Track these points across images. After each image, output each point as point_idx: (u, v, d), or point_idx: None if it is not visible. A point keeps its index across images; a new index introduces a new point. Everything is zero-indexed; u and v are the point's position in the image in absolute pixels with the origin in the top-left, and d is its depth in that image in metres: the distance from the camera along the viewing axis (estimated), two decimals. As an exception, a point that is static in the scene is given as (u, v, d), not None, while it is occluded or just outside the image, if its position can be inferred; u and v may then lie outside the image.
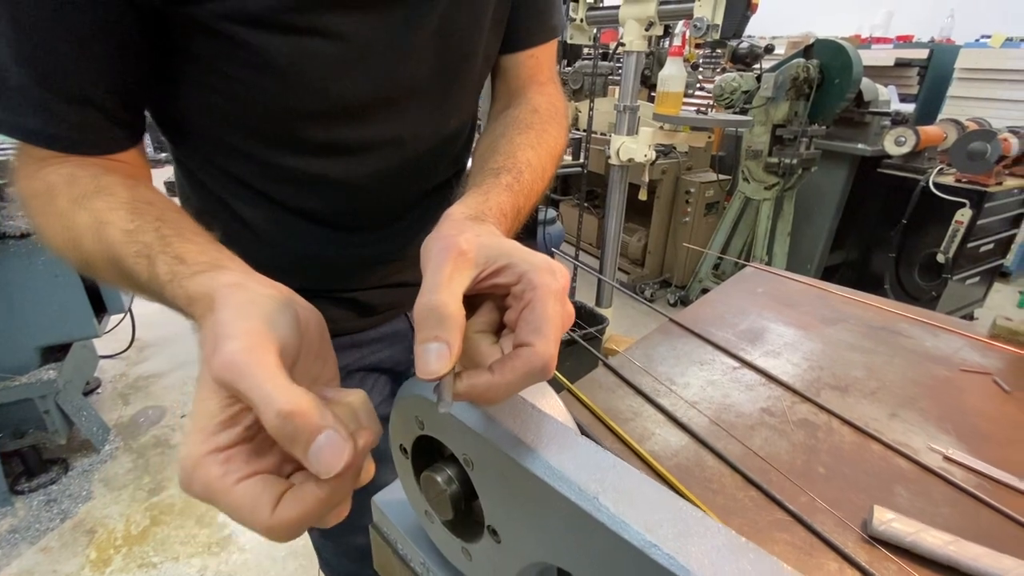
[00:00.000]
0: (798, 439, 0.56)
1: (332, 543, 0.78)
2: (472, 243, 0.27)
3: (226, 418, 0.24)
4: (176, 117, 0.47)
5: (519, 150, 0.45)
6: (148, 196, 0.39)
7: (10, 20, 0.35)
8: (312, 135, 0.47)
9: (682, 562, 0.19)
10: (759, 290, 0.94)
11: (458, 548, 0.32)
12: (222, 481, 0.23)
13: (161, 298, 0.33)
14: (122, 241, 0.35)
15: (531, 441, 0.24)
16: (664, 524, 0.20)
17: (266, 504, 0.23)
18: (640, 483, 0.23)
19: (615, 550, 0.21)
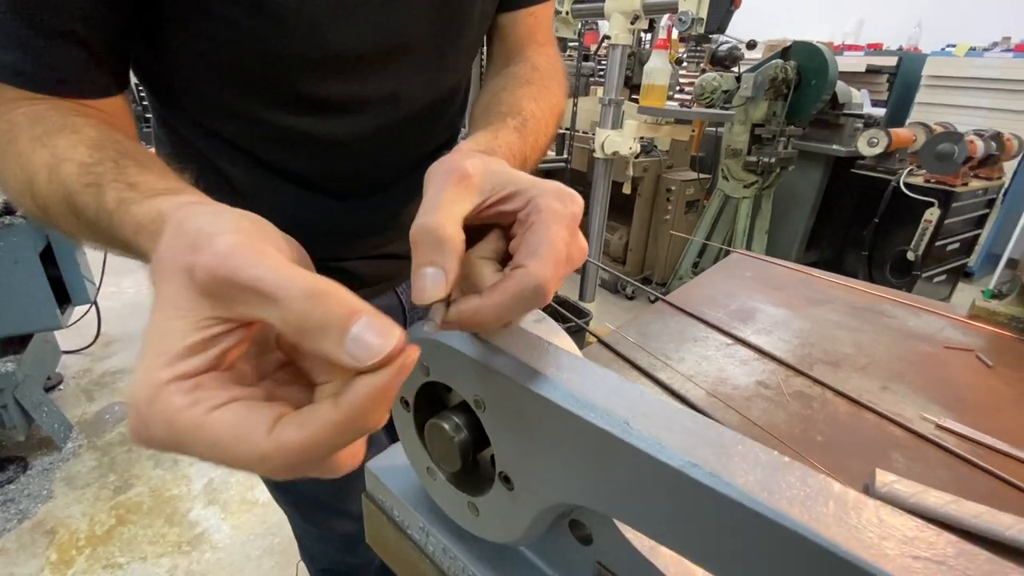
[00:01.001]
0: (794, 409, 0.56)
1: (315, 529, 0.75)
2: (478, 168, 0.26)
3: (197, 340, 0.19)
4: (160, 68, 0.44)
5: (522, 101, 0.44)
6: (118, 136, 0.35)
7: None
8: (304, 89, 0.45)
9: (727, 479, 0.18)
10: (747, 274, 0.95)
11: (463, 504, 0.30)
12: (190, 412, 0.18)
13: (109, 236, 0.29)
14: (75, 174, 0.31)
15: (551, 373, 0.23)
16: (701, 445, 0.19)
17: (259, 426, 0.18)
18: (670, 408, 0.21)
19: (650, 476, 0.19)
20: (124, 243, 0.28)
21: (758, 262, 1.01)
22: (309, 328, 0.18)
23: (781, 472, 0.18)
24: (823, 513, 0.17)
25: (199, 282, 0.19)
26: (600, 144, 1.82)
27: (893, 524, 0.17)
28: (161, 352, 0.19)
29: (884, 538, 0.16)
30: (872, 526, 0.16)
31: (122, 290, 2.85)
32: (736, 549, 0.18)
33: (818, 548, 0.16)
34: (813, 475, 0.18)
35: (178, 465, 1.74)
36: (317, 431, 0.18)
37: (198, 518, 1.55)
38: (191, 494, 1.63)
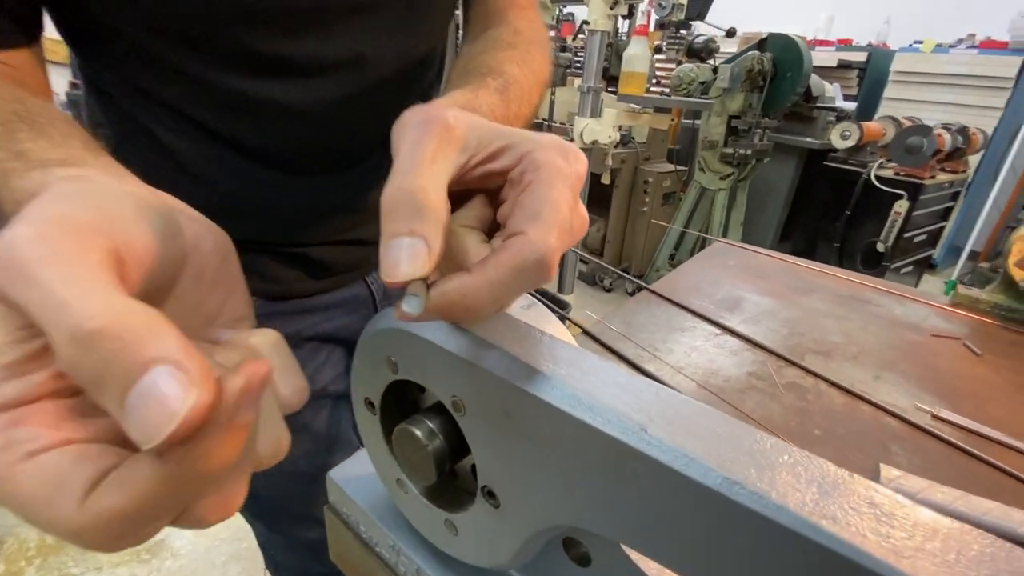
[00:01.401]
0: (789, 402, 0.53)
1: (281, 538, 0.70)
2: (461, 120, 0.21)
3: (18, 359, 0.15)
4: (91, 22, 0.38)
5: (504, 64, 0.39)
6: (19, 93, 0.30)
7: None
8: (255, 46, 0.40)
9: (777, 501, 0.14)
10: (730, 263, 0.93)
11: (440, 521, 0.26)
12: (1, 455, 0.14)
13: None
14: None
15: (548, 368, 0.19)
16: (739, 456, 0.15)
17: (74, 488, 0.14)
18: (694, 408, 0.17)
19: (674, 495, 0.15)
20: None
21: (741, 251, 0.99)
22: (85, 376, 0.13)
23: (842, 490, 0.14)
24: (906, 545, 0.13)
25: None
26: (579, 133, 1.78)
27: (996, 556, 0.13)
28: None
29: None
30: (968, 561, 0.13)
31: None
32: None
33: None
34: (881, 491, 0.15)
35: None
36: (138, 493, 0.13)
37: (159, 524, 1.47)
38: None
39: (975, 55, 3.29)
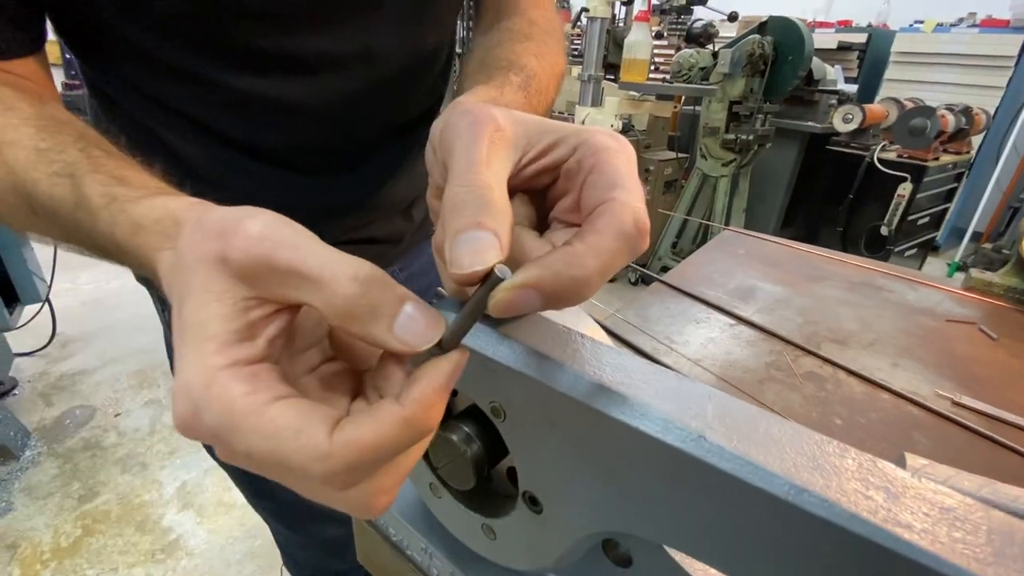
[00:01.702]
0: (808, 392, 0.53)
1: (300, 537, 0.70)
2: (508, 117, 0.21)
3: (242, 325, 0.17)
4: (93, 26, 0.37)
5: (523, 56, 0.39)
6: (59, 114, 0.31)
7: None
8: (261, 42, 0.39)
9: (849, 509, 0.13)
10: (740, 251, 0.92)
11: (476, 526, 0.26)
12: (251, 398, 0.16)
13: (90, 229, 0.25)
14: (33, 161, 0.27)
15: (593, 374, 0.18)
16: (801, 461, 0.15)
17: (320, 423, 0.16)
18: (749, 412, 0.17)
19: (736, 503, 0.15)
20: (113, 243, 0.24)
21: (750, 239, 0.99)
22: (357, 313, 0.17)
23: (910, 495, 0.14)
24: (986, 552, 0.13)
25: (234, 267, 0.17)
26: (580, 122, 1.77)
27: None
28: (208, 338, 0.17)
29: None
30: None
31: (78, 287, 2.69)
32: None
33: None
34: (952, 496, 0.14)
35: (148, 469, 1.66)
36: (383, 430, 0.16)
37: (171, 524, 1.47)
38: (163, 499, 1.55)
39: (976, 34, 3.25)
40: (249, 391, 0.16)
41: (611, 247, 0.17)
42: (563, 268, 0.17)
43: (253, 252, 0.17)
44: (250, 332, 0.17)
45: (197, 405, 0.17)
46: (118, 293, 2.70)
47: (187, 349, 0.17)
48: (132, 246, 0.23)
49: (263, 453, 0.16)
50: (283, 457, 0.16)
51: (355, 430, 0.16)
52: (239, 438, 0.16)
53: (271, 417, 0.16)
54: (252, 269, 0.17)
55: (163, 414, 1.89)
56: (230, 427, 0.16)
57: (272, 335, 0.18)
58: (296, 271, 0.17)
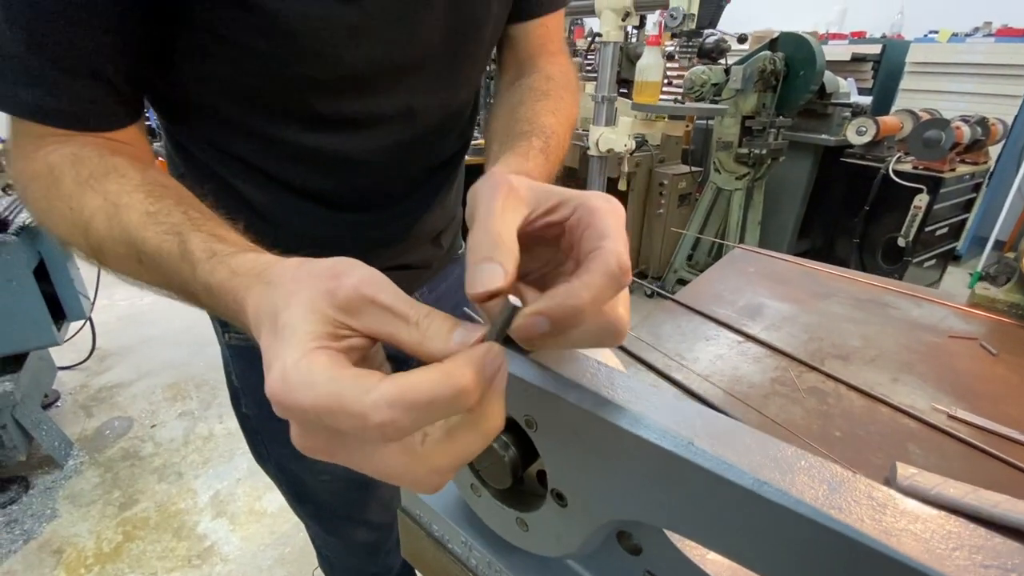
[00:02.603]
0: (810, 405, 0.57)
1: (336, 540, 0.76)
2: (522, 183, 0.27)
3: (332, 333, 0.22)
4: (174, 91, 0.44)
5: (541, 116, 0.44)
6: (161, 179, 0.37)
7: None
8: (320, 107, 0.45)
9: (796, 496, 0.18)
10: (750, 270, 0.96)
11: (512, 520, 0.31)
12: (332, 364, 0.20)
13: (189, 277, 0.31)
14: (144, 223, 0.33)
15: (608, 394, 0.23)
16: (766, 462, 0.20)
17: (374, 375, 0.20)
18: (729, 425, 0.22)
19: (716, 493, 0.20)
20: (208, 286, 0.30)
21: (760, 256, 1.03)
22: (430, 336, 0.22)
23: (846, 487, 0.19)
24: (894, 526, 0.17)
25: (341, 298, 0.22)
26: (595, 142, 1.82)
27: (961, 534, 0.17)
28: (304, 332, 0.22)
29: (955, 548, 0.17)
30: (940, 538, 0.17)
31: (114, 303, 2.82)
32: (804, 560, 0.19)
33: (890, 560, 0.17)
34: (877, 488, 0.19)
35: (183, 478, 1.73)
36: (422, 377, 0.20)
37: (206, 531, 1.54)
38: (198, 507, 1.63)
39: (992, 43, 3.24)
40: (330, 363, 0.21)
41: (599, 282, 0.22)
42: (563, 299, 0.22)
43: (362, 290, 0.22)
44: (336, 338, 0.22)
45: (290, 374, 0.20)
46: (152, 309, 2.82)
47: (283, 344, 0.22)
48: (227, 289, 0.29)
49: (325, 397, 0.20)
50: (338, 395, 0.20)
51: (404, 377, 0.20)
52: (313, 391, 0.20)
53: (340, 372, 0.20)
54: (357, 302, 0.22)
55: (196, 425, 1.97)
56: (312, 386, 0.20)
57: (351, 346, 0.23)
58: (391, 308, 0.22)
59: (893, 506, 0.18)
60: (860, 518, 0.18)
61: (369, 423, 0.19)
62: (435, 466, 0.21)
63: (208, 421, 2.00)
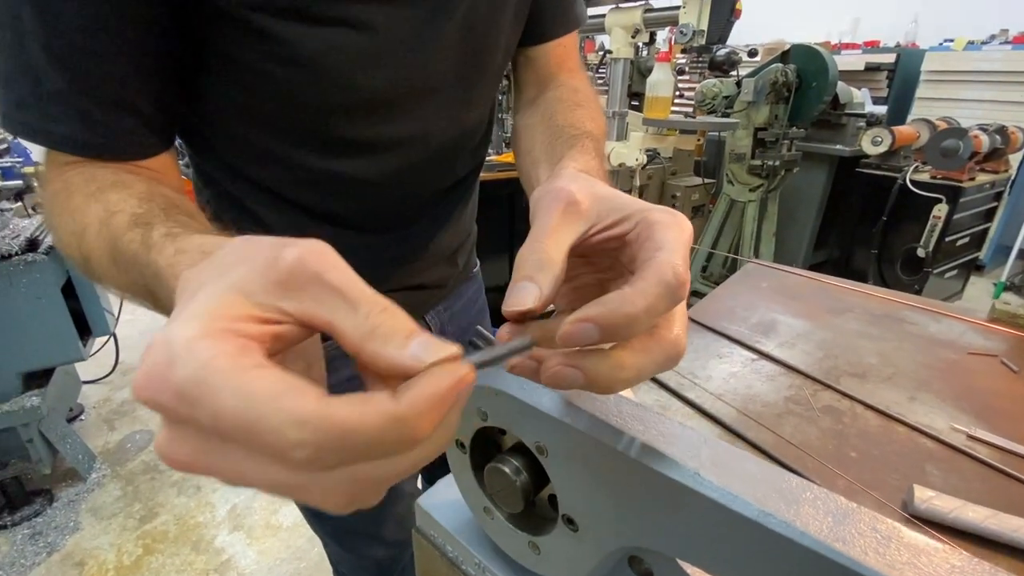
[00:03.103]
0: (825, 425, 0.57)
1: (352, 557, 0.77)
2: (586, 193, 0.26)
3: (253, 315, 0.18)
4: (198, 119, 0.46)
5: (585, 123, 0.46)
6: (164, 190, 0.37)
7: (38, 18, 0.34)
8: (337, 132, 0.47)
9: (800, 528, 0.19)
10: (763, 285, 0.96)
11: (524, 543, 0.31)
12: (234, 358, 0.16)
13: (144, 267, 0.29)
14: (127, 224, 0.32)
15: (617, 423, 0.24)
16: (771, 493, 0.20)
17: (306, 391, 0.16)
18: (735, 455, 0.22)
19: (722, 523, 0.21)
20: (155, 271, 0.27)
21: (773, 271, 1.02)
22: (380, 334, 0.18)
23: (851, 519, 0.19)
24: (897, 560, 0.18)
25: (282, 269, 0.18)
26: (607, 156, 1.84)
27: (964, 569, 0.18)
28: (209, 310, 0.17)
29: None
30: (943, 572, 0.17)
31: (137, 318, 2.88)
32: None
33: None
34: (882, 520, 0.19)
35: (201, 492, 1.76)
36: (369, 416, 0.16)
37: (224, 544, 1.56)
38: (215, 520, 1.65)
39: (1009, 51, 3.20)
40: (235, 352, 0.16)
41: (654, 291, 0.21)
42: (617, 306, 0.21)
43: (308, 263, 0.18)
44: (257, 322, 0.18)
45: (173, 357, 0.16)
46: (172, 323, 2.87)
47: (180, 315, 0.17)
48: (168, 268, 0.26)
49: (233, 414, 0.15)
50: (257, 419, 0.15)
51: (342, 406, 0.16)
52: (207, 395, 0.15)
53: (251, 379, 0.16)
54: (299, 277, 0.18)
55: (214, 439, 2.00)
56: (202, 382, 0.15)
57: (276, 333, 0.18)
58: (339, 291, 0.18)
59: (898, 539, 0.19)
60: (864, 551, 0.18)
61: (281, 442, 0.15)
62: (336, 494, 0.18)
63: (226, 435, 2.02)
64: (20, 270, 1.48)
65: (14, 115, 0.37)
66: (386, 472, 0.18)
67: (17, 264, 1.47)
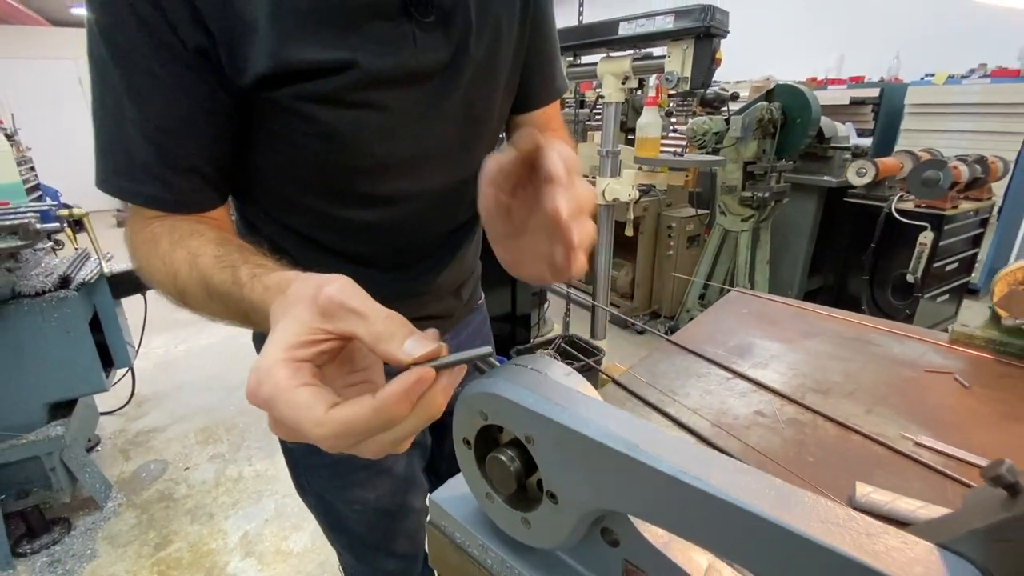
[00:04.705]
0: (788, 435, 0.64)
1: (366, 568, 0.83)
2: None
3: (306, 339, 0.29)
4: (246, 179, 0.56)
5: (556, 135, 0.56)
6: (228, 236, 0.49)
7: (136, 104, 0.44)
8: (358, 189, 0.57)
9: (705, 480, 0.27)
10: (744, 311, 1.04)
11: (517, 520, 0.39)
12: (288, 382, 0.28)
13: (238, 299, 0.40)
14: (211, 264, 0.43)
15: (583, 414, 0.32)
16: (688, 459, 0.28)
17: (323, 402, 0.28)
18: (668, 436, 0.30)
19: (655, 484, 0.29)
20: (251, 303, 0.38)
21: (755, 299, 1.11)
22: (384, 337, 0.29)
23: (745, 476, 0.27)
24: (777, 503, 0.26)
25: (320, 303, 0.30)
26: (601, 191, 1.95)
27: (821, 504, 0.26)
28: (281, 342, 0.29)
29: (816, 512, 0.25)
30: (803, 504, 0.25)
31: (150, 350, 2.97)
32: (718, 528, 0.27)
33: (774, 527, 0.25)
34: (768, 478, 0.27)
35: (214, 519, 1.80)
36: (357, 411, 0.28)
37: (236, 571, 1.60)
38: (228, 547, 1.69)
39: (988, 84, 3.35)
40: (290, 376, 0.28)
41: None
42: None
43: (335, 297, 0.30)
44: (310, 344, 0.29)
45: (260, 381, 0.28)
46: (186, 357, 2.96)
47: (266, 348, 0.29)
48: (261, 302, 0.36)
49: (286, 418, 0.27)
50: (296, 422, 0.27)
51: (340, 409, 0.27)
52: (276, 404, 0.27)
53: (295, 394, 0.27)
54: (332, 307, 0.30)
55: (226, 467, 2.06)
56: (273, 397, 0.27)
57: (322, 350, 0.30)
58: (357, 311, 0.29)
59: (772, 485, 0.27)
60: (753, 497, 0.26)
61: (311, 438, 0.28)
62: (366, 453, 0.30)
63: (238, 463, 2.08)
64: (52, 306, 1.58)
65: (111, 179, 0.48)
66: (392, 438, 0.30)
67: (50, 300, 1.57)
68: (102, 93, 0.45)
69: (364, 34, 0.48)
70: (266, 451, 2.14)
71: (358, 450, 0.30)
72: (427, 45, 0.51)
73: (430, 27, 0.51)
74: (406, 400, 0.28)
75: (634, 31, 1.67)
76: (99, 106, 0.46)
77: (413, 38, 0.50)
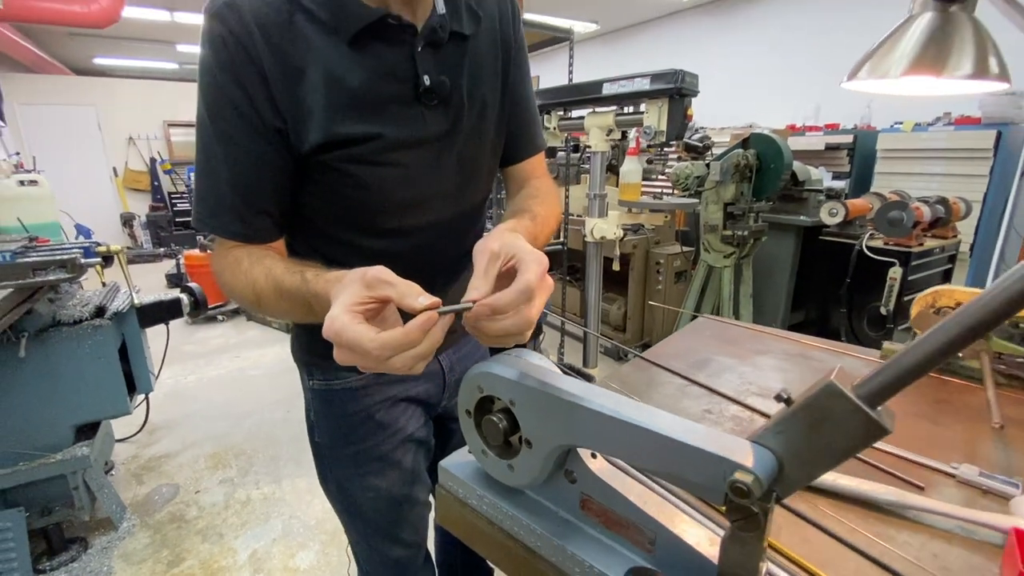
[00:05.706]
0: (728, 427, 0.79)
1: (376, 555, 0.95)
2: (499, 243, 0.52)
3: (358, 300, 0.46)
4: (297, 217, 0.73)
5: (534, 206, 0.74)
6: (291, 258, 0.66)
7: (228, 165, 0.62)
8: (380, 224, 0.74)
9: (626, 414, 0.42)
10: (707, 334, 1.19)
11: (504, 467, 0.54)
12: (351, 321, 0.44)
13: (303, 293, 0.56)
14: (283, 272, 0.61)
15: (551, 381, 0.48)
16: (620, 404, 0.44)
17: (372, 331, 0.44)
18: (598, 390, 0.46)
19: (601, 424, 0.44)
20: (315, 293, 0.54)
21: (718, 324, 1.26)
22: (407, 295, 0.46)
23: (642, 410, 0.43)
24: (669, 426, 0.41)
25: (367, 280, 0.47)
26: (590, 230, 2.13)
27: (689, 424, 0.41)
28: (343, 303, 0.45)
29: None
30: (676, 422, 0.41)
31: (162, 380, 3.08)
32: (640, 448, 0.42)
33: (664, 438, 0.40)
34: (661, 412, 0.43)
35: (224, 539, 1.89)
36: (395, 334, 0.44)
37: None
38: (237, 565, 1.77)
39: (952, 131, 3.61)
40: (350, 319, 0.44)
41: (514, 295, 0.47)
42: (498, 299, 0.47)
43: (375, 274, 0.46)
44: (360, 303, 0.45)
45: (331, 323, 0.44)
46: (195, 386, 3.08)
47: (333, 308, 0.45)
48: (324, 291, 0.52)
49: (350, 341, 0.43)
50: (357, 342, 0.43)
51: (384, 334, 0.43)
52: (344, 334, 0.43)
53: (356, 327, 0.43)
54: (372, 281, 0.46)
55: (235, 491, 2.15)
56: (342, 331, 0.43)
57: (368, 308, 0.46)
58: (389, 282, 0.46)
59: (674, 417, 0.42)
60: (652, 417, 0.41)
61: (368, 354, 0.44)
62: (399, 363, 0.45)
63: (246, 487, 2.18)
64: (87, 333, 1.73)
65: (205, 219, 0.65)
66: (414, 354, 0.45)
67: (86, 328, 1.72)
68: (206, 159, 0.63)
69: (388, 115, 0.67)
70: (273, 476, 2.24)
71: (390, 364, 0.45)
72: (432, 120, 0.70)
73: (434, 107, 0.70)
74: (420, 330, 0.44)
75: (616, 91, 1.90)
76: (202, 168, 0.64)
77: (423, 116, 0.69)
